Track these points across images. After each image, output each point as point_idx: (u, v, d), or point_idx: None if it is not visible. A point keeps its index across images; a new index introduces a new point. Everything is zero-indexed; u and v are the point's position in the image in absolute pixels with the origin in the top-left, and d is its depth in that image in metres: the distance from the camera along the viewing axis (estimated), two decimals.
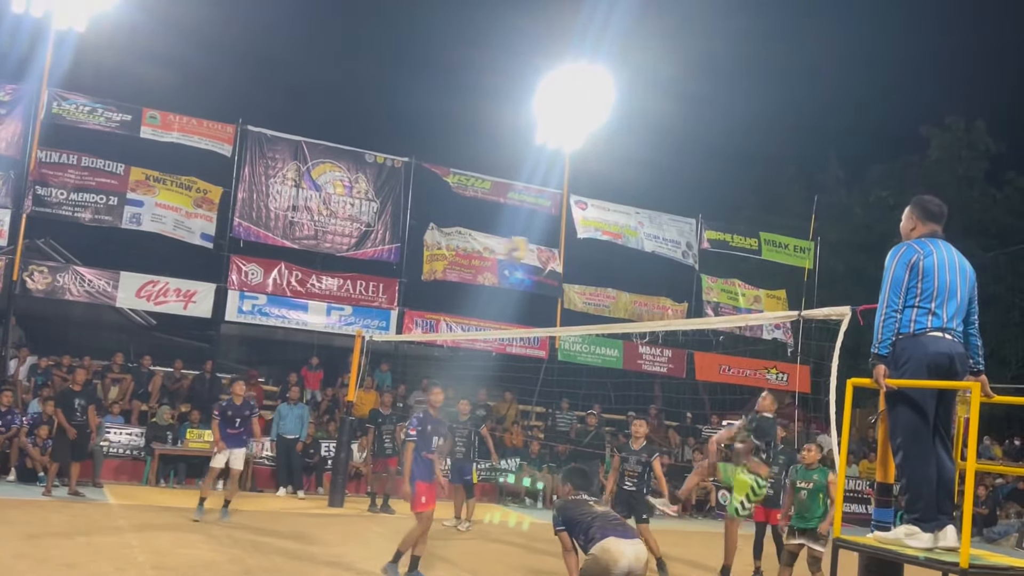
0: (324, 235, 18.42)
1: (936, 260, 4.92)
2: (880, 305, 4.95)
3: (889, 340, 4.88)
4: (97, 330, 21.00)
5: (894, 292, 4.90)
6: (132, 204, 16.91)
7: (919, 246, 4.99)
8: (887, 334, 4.88)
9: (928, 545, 4.70)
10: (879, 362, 4.88)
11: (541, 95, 20.06)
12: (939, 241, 5.04)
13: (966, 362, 4.94)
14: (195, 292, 17.23)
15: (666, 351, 20.79)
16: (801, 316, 6.68)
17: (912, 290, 4.89)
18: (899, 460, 4.89)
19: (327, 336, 19.32)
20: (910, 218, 5.20)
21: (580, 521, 6.63)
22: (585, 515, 6.66)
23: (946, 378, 4.83)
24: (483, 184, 19.92)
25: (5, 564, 7.71)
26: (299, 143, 18.42)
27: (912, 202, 5.24)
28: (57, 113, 16.48)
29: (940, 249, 4.98)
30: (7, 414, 13.95)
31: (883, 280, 5.00)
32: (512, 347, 19.76)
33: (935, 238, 5.06)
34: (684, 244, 21.48)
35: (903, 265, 4.93)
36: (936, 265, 4.90)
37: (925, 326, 4.85)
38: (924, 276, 4.88)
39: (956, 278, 4.94)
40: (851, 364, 6.08)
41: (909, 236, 5.15)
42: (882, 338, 4.89)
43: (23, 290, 16.07)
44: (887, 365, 4.88)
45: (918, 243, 5.02)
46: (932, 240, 5.03)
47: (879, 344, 4.89)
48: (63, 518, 10.65)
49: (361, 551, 10.17)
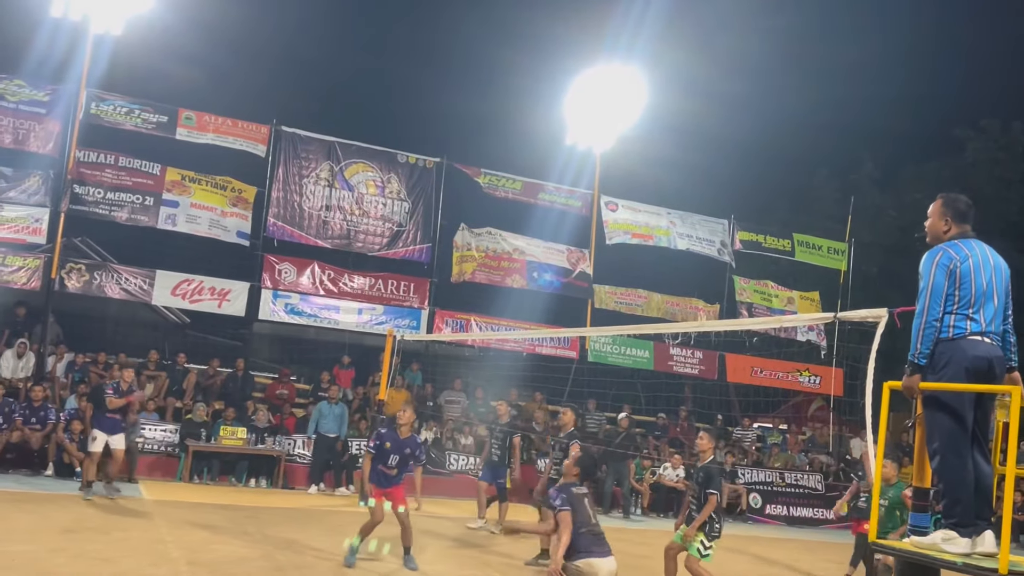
0: (356, 235, 18.54)
1: (972, 264, 4.83)
2: (919, 313, 4.84)
3: (928, 350, 4.78)
4: (133, 328, 21.29)
5: (935, 301, 4.79)
6: (168, 204, 17.13)
7: (955, 250, 4.88)
8: (927, 344, 4.78)
9: (966, 551, 4.63)
10: (915, 371, 4.79)
11: (573, 95, 20.05)
12: (972, 242, 4.95)
13: (1004, 366, 4.87)
14: (229, 291, 17.42)
15: (697, 352, 20.67)
16: (837, 318, 6.62)
17: (951, 297, 4.79)
18: (936, 464, 4.83)
19: (358, 335, 19.43)
20: (942, 218, 5.09)
21: (575, 520, 6.62)
22: (581, 517, 6.69)
23: (985, 382, 4.76)
24: (514, 184, 19.94)
25: (43, 558, 7.84)
26: (332, 143, 18.55)
27: (942, 200, 5.12)
28: (95, 113, 16.73)
29: (975, 251, 4.89)
30: (40, 409, 14.18)
31: (921, 287, 4.88)
32: (542, 347, 19.76)
33: (967, 238, 4.97)
34: (719, 242, 21.35)
35: (942, 272, 4.82)
36: (973, 269, 4.82)
37: (964, 330, 4.77)
38: (962, 282, 4.79)
39: (992, 279, 4.86)
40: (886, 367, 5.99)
41: (941, 238, 5.05)
42: (921, 348, 4.79)
43: (61, 288, 16.34)
44: (924, 371, 4.81)
45: (952, 247, 4.92)
46: (965, 242, 4.93)
47: (918, 355, 4.79)
48: (99, 513, 10.80)
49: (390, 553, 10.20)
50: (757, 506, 18.24)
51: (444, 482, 16.68)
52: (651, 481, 17.15)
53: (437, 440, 17.39)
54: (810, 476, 18.85)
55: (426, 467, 16.80)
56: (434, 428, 17.59)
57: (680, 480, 17.18)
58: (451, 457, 17.12)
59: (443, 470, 16.96)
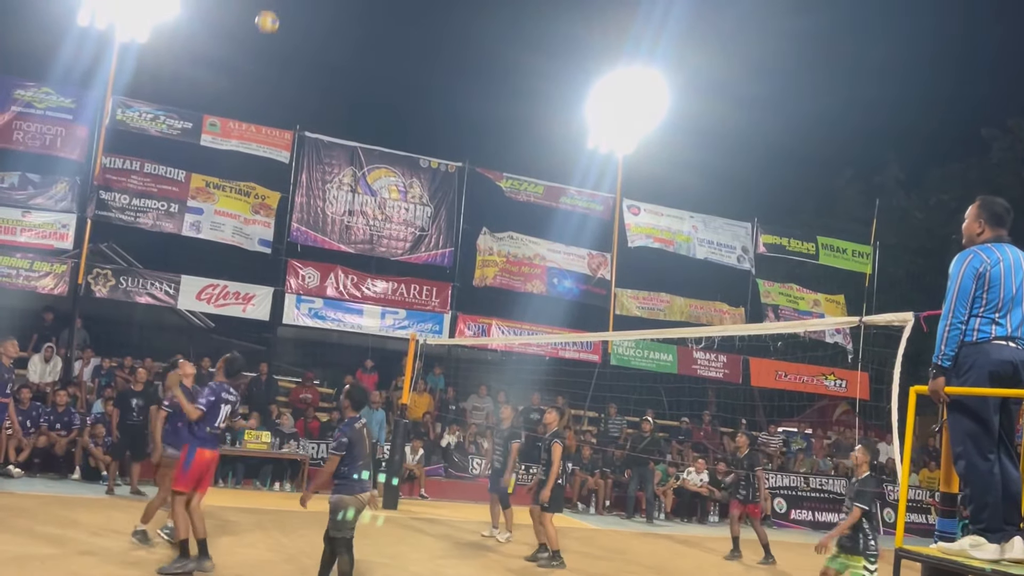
0: (379, 239, 18.62)
1: (1003, 268, 4.76)
2: (945, 315, 4.80)
3: (952, 353, 4.74)
4: (158, 332, 21.47)
5: (960, 303, 4.74)
6: (192, 212, 17.29)
7: (986, 253, 4.82)
8: (951, 346, 4.74)
9: (994, 556, 4.57)
10: (940, 374, 4.75)
11: (594, 99, 20.04)
12: (1006, 246, 4.87)
13: None
14: (253, 295, 17.55)
15: (721, 356, 20.56)
16: (862, 322, 6.57)
17: (978, 300, 4.74)
18: (961, 469, 4.77)
19: (381, 339, 19.50)
20: (977, 220, 5.00)
21: (353, 455, 7.30)
22: (358, 451, 7.39)
23: (1010, 386, 4.70)
24: (536, 188, 19.95)
25: (71, 560, 7.92)
26: (355, 149, 18.65)
27: (979, 203, 5.04)
28: (121, 120, 16.91)
29: (1007, 255, 4.82)
30: (65, 414, 14.31)
31: (948, 288, 4.83)
32: (565, 351, 19.74)
33: (1001, 242, 4.89)
34: (739, 248, 21.24)
35: (971, 275, 4.77)
36: (1003, 273, 4.75)
37: (989, 335, 4.72)
38: (991, 286, 4.73)
39: (1023, 284, 4.80)
40: (912, 371, 5.94)
41: (974, 240, 4.97)
42: (945, 350, 4.75)
43: (87, 292, 16.52)
44: (949, 374, 4.77)
45: (984, 250, 4.85)
46: (999, 246, 4.86)
47: (942, 356, 4.75)
48: (125, 516, 10.87)
49: (415, 552, 10.22)
50: (782, 511, 18.11)
51: (466, 486, 16.70)
52: (675, 486, 17.08)
53: (460, 444, 17.41)
54: (835, 481, 18.68)
55: (449, 471, 16.90)
56: (457, 432, 17.61)
57: (704, 485, 17.10)
58: (474, 461, 17.13)
59: (466, 474, 16.98)
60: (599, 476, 17.05)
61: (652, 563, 11.18)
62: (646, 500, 16.52)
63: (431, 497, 16.15)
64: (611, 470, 17.29)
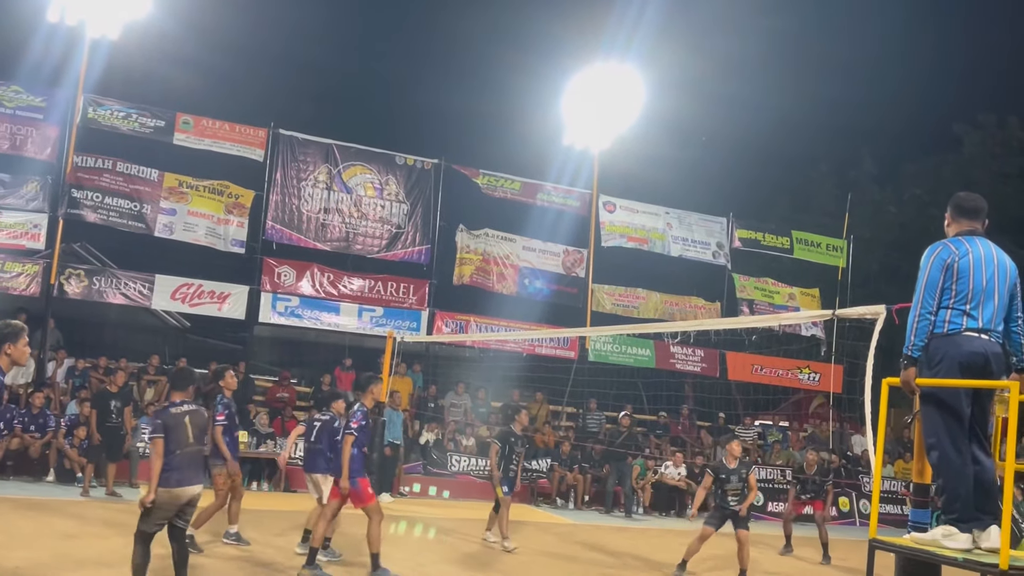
0: (355, 237, 18.55)
1: (972, 259, 4.82)
2: (914, 307, 4.88)
3: (921, 343, 4.82)
4: (133, 332, 21.29)
5: (928, 294, 4.82)
6: (165, 213, 17.17)
7: (955, 245, 4.89)
8: (920, 337, 4.82)
9: (966, 546, 4.63)
10: (911, 364, 4.82)
11: (570, 95, 20.05)
12: (977, 239, 4.93)
13: (1003, 362, 4.86)
14: (229, 294, 17.44)
15: (698, 351, 20.68)
16: (835, 315, 6.62)
17: (947, 291, 4.81)
18: (934, 460, 4.83)
19: (359, 337, 19.44)
20: (947, 216, 5.13)
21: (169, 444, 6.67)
22: (178, 438, 6.73)
23: (980, 377, 4.76)
24: (512, 185, 19.95)
25: (45, 563, 7.84)
26: (330, 146, 18.57)
27: (950, 200, 5.16)
28: (92, 118, 16.74)
29: (977, 247, 4.87)
30: (40, 416, 14.17)
31: (918, 280, 4.91)
32: (542, 347, 19.77)
33: (973, 236, 4.95)
34: (714, 244, 21.35)
35: (938, 266, 4.85)
36: (972, 265, 4.80)
37: (960, 326, 4.78)
38: (959, 277, 4.79)
39: (995, 277, 4.84)
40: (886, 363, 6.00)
41: (947, 234, 5.07)
42: (915, 341, 4.82)
43: (60, 293, 16.35)
44: (920, 365, 4.83)
45: (954, 242, 4.92)
46: (969, 239, 4.92)
47: (911, 347, 4.83)
48: (100, 518, 10.80)
49: (395, 550, 10.20)
50: (759, 504, 18.22)
51: (445, 483, 16.71)
52: (653, 480, 17.15)
53: (439, 441, 17.39)
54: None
55: (428, 468, 16.90)
56: (436, 430, 17.59)
57: (682, 478, 17.19)
58: (453, 458, 17.13)
59: (445, 471, 16.97)
60: (578, 471, 17.10)
61: (632, 557, 11.23)
62: (624, 495, 16.59)
63: (410, 495, 16.13)
64: (590, 465, 17.34)
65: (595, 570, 10.27)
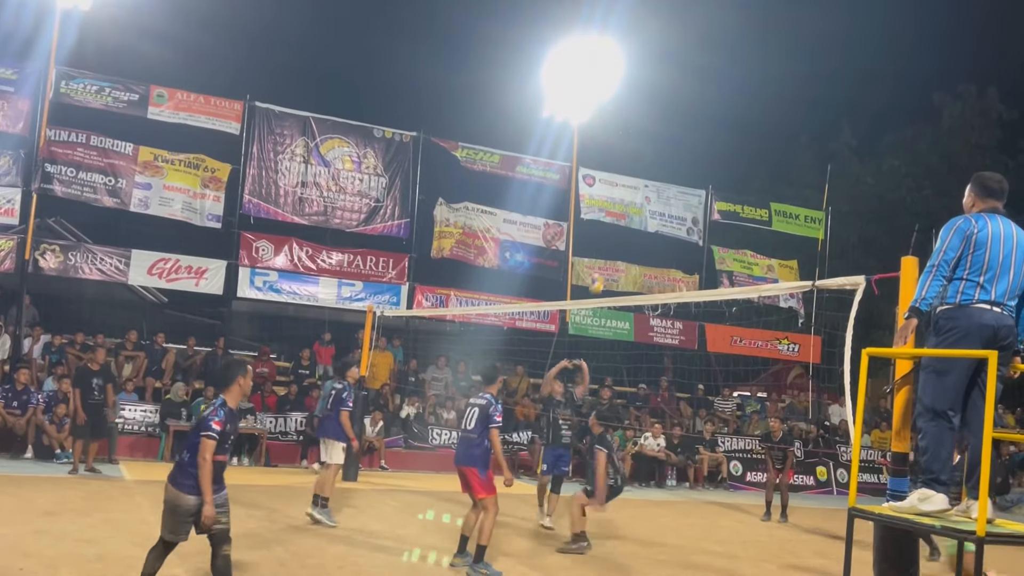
0: (334, 211, 18.44)
1: (991, 233, 4.89)
2: (928, 268, 4.92)
3: (931, 300, 4.87)
4: (110, 308, 21.10)
5: (945, 261, 4.88)
6: (140, 188, 16.98)
7: (975, 219, 4.97)
8: (932, 292, 4.86)
9: (942, 507, 4.71)
10: (914, 316, 4.88)
11: (549, 67, 19.94)
12: (998, 217, 5.01)
13: (1014, 337, 4.91)
14: (206, 269, 17.31)
15: (677, 323, 20.78)
16: (815, 286, 6.65)
17: (963, 261, 4.86)
18: (922, 422, 4.89)
19: (338, 312, 19.37)
20: (969, 195, 5.18)
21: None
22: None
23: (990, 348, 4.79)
24: (492, 158, 19.87)
25: (25, 540, 7.80)
26: (307, 119, 18.39)
27: (972, 179, 5.21)
28: (64, 92, 16.48)
29: (998, 224, 4.95)
30: (23, 393, 14.08)
31: (936, 248, 4.95)
32: (522, 321, 19.80)
33: (995, 214, 5.03)
34: (690, 220, 21.41)
35: (959, 236, 4.91)
36: (991, 239, 4.87)
37: (972, 298, 4.84)
38: (976, 249, 4.86)
39: (1012, 254, 4.90)
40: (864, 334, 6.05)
41: (969, 213, 5.12)
42: (925, 295, 4.87)
43: (36, 269, 16.17)
44: (926, 333, 4.89)
45: (975, 216, 5.00)
46: (991, 216, 5.00)
47: (920, 300, 4.87)
48: (80, 495, 10.75)
49: (376, 525, 10.24)
50: (738, 474, 18.43)
51: (426, 456, 16.76)
52: (633, 451, 17.27)
53: (419, 415, 17.42)
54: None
55: (409, 442, 16.93)
56: (417, 403, 17.61)
57: (661, 449, 17.32)
58: (434, 432, 17.16)
59: (426, 444, 17.01)
60: None
61: (611, 527, 11.32)
62: None
63: (391, 468, 16.17)
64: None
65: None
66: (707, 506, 15.15)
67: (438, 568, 8.19)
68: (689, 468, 17.77)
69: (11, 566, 6.84)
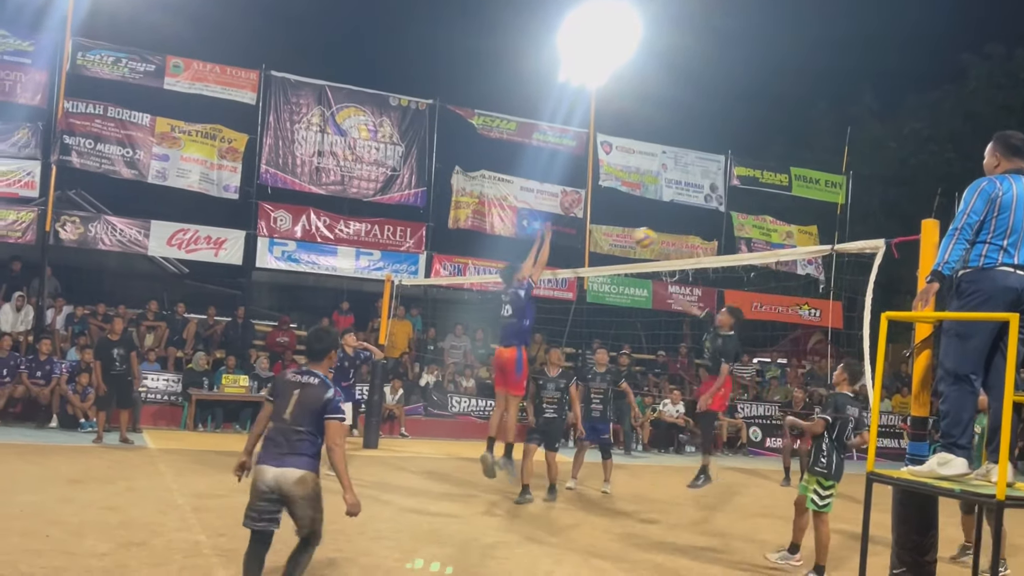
0: (350, 180, 18.42)
1: (1015, 195, 4.81)
2: (951, 231, 4.85)
3: (954, 263, 4.81)
4: (131, 279, 21.26)
5: (970, 219, 4.80)
6: (158, 159, 17.03)
7: (1000, 180, 4.88)
8: (954, 256, 4.80)
9: (962, 471, 4.68)
10: (936, 280, 4.82)
11: (566, 31, 19.71)
12: (1022, 177, 4.92)
13: None
14: (225, 240, 17.38)
15: (696, 290, 20.69)
16: (834, 250, 6.60)
17: (987, 224, 4.80)
18: (944, 386, 4.86)
19: (357, 281, 19.42)
20: (993, 155, 5.07)
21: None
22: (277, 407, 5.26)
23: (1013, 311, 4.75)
24: (508, 125, 19.75)
25: (51, 507, 7.92)
26: (323, 87, 18.33)
27: (994, 138, 5.11)
28: (81, 64, 16.50)
29: (1022, 185, 4.86)
30: (47, 363, 14.24)
31: (959, 210, 4.88)
32: (540, 289, 19.61)
33: (1019, 174, 4.93)
34: (707, 187, 21.22)
35: (984, 197, 4.83)
36: (1015, 200, 4.80)
37: (995, 261, 4.79)
38: (1000, 212, 4.79)
39: None
40: (884, 299, 5.98)
41: (992, 173, 5.03)
42: (948, 259, 4.81)
43: (56, 241, 16.29)
44: (948, 296, 4.85)
45: (999, 178, 4.91)
46: (1015, 176, 4.91)
47: (943, 263, 4.81)
48: (104, 463, 10.89)
49: (396, 490, 10.32)
50: (757, 439, 18.44)
51: (445, 424, 16.87)
52: (651, 417, 17.30)
53: (438, 383, 17.50)
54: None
55: (428, 410, 17.03)
56: (436, 371, 17.69)
57: (680, 416, 17.34)
58: (453, 399, 17.25)
59: (445, 412, 17.11)
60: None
61: (630, 493, 11.37)
62: (624, 432, 16.73)
63: (411, 435, 16.29)
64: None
65: (595, 506, 10.39)
66: (726, 472, 15.15)
67: (459, 532, 8.25)
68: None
69: (38, 532, 6.95)
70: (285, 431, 5.13)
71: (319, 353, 5.39)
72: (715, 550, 8.33)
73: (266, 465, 5.08)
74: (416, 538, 7.87)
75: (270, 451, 5.12)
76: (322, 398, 5.12)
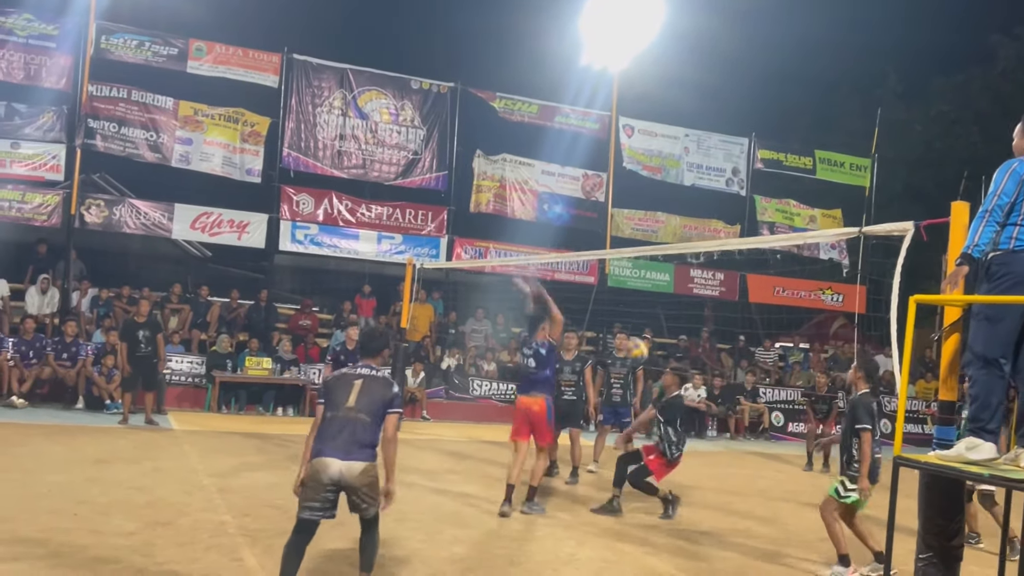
0: (372, 164, 18.44)
1: None
2: (981, 213, 4.78)
3: (984, 246, 4.74)
4: (155, 262, 21.39)
5: (1000, 201, 4.73)
6: (181, 143, 17.10)
7: None
8: (984, 238, 4.73)
9: (991, 455, 4.63)
10: (966, 263, 4.75)
11: (588, 13, 19.56)
12: None
13: None
14: (248, 223, 17.45)
15: (718, 274, 20.59)
16: (862, 233, 6.52)
17: (1018, 206, 4.73)
18: (972, 370, 4.81)
19: (378, 264, 19.46)
20: (1021, 135, 5.00)
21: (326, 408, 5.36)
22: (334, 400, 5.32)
23: None
24: (530, 108, 19.67)
25: (78, 487, 8.02)
26: (345, 71, 18.32)
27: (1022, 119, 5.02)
28: (105, 48, 16.57)
29: None
30: (72, 345, 14.40)
31: (990, 192, 4.81)
32: (560, 273, 19.72)
33: None
34: (729, 171, 21.07)
35: (1014, 179, 4.76)
36: None
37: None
38: None
39: None
40: (910, 283, 5.91)
41: (1022, 154, 4.96)
42: (978, 241, 4.73)
43: (81, 224, 16.42)
44: (977, 280, 4.78)
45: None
46: None
47: (972, 246, 4.74)
48: (130, 444, 11.01)
49: (419, 472, 10.37)
50: (779, 424, 18.37)
51: (467, 407, 16.92)
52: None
53: (460, 367, 17.55)
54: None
55: (450, 393, 17.09)
56: (457, 355, 17.73)
57: (701, 400, 17.28)
58: (474, 383, 17.30)
59: (466, 395, 17.16)
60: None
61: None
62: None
63: (433, 418, 16.36)
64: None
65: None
66: (748, 456, 15.15)
67: (481, 514, 8.28)
68: (730, 419, 17.76)
69: (66, 511, 7.04)
70: (347, 421, 5.21)
71: (374, 351, 5.66)
72: (737, 533, 8.33)
73: (331, 458, 5.10)
74: (439, 520, 7.91)
75: (330, 443, 5.16)
76: (389, 392, 5.37)
